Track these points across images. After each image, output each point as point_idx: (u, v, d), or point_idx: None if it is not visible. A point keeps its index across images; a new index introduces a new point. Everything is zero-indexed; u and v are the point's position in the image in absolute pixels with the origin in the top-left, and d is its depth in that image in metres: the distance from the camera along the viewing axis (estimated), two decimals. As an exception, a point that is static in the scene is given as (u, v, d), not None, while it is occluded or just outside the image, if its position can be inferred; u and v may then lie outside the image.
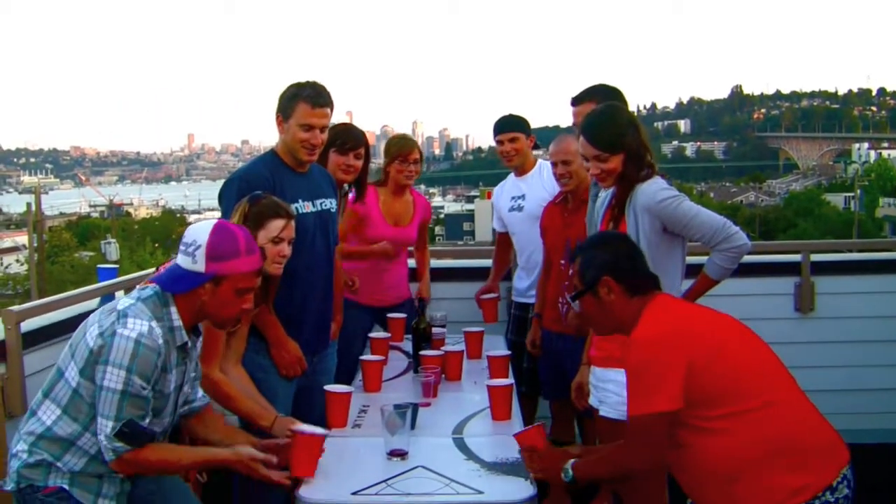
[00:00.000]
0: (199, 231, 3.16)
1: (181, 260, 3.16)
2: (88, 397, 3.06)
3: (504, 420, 4.00)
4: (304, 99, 4.30)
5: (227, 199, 4.18)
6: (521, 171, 5.69)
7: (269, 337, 4.23)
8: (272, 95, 4.44)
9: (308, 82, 4.38)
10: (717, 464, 2.97)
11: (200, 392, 3.53)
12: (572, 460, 3.19)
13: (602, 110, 4.04)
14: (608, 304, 3.23)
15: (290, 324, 4.29)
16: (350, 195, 5.35)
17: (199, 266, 3.11)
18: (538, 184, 5.54)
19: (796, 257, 6.34)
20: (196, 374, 3.45)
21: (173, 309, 3.15)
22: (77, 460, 3.12)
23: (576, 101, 4.56)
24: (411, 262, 6.11)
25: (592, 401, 3.99)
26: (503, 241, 5.96)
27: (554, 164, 4.97)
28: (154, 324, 3.06)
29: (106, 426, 2.99)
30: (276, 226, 3.83)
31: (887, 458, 5.83)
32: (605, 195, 4.15)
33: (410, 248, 6.08)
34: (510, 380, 4.29)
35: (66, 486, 3.11)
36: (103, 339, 3.03)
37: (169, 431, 3.36)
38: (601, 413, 3.93)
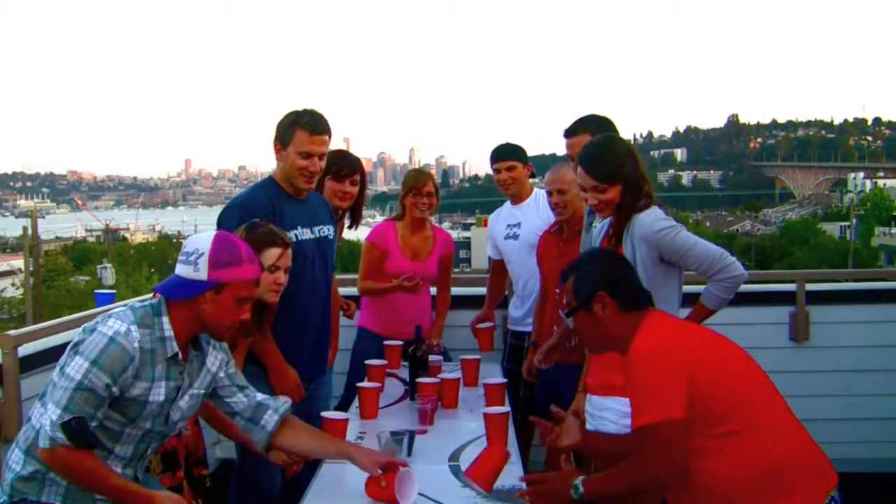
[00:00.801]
0: (201, 240, 3.18)
1: (181, 270, 3.16)
2: None
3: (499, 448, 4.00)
4: (303, 126, 4.33)
5: (226, 226, 4.20)
6: (518, 199, 5.71)
7: (268, 363, 4.25)
8: (269, 121, 4.50)
9: (306, 110, 4.42)
10: (713, 485, 2.99)
11: (281, 398, 3.54)
12: (580, 477, 3.14)
13: (600, 141, 4.06)
14: (602, 319, 3.24)
15: (289, 350, 4.31)
16: (346, 222, 5.36)
17: (202, 274, 3.12)
18: (534, 212, 5.56)
19: (791, 286, 6.35)
20: (238, 383, 3.47)
21: (165, 319, 3.15)
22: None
23: (569, 133, 4.59)
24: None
25: (589, 427, 3.99)
26: (498, 269, 5.97)
27: (549, 193, 4.99)
28: (134, 328, 3.07)
29: (54, 412, 2.98)
30: (272, 254, 3.85)
31: (882, 488, 5.85)
32: (601, 225, 4.17)
33: None
34: (506, 408, 4.30)
35: (58, 502, 3.12)
36: (84, 333, 3.07)
37: (158, 442, 3.36)
38: None
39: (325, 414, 4.06)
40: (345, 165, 5.02)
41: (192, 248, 3.16)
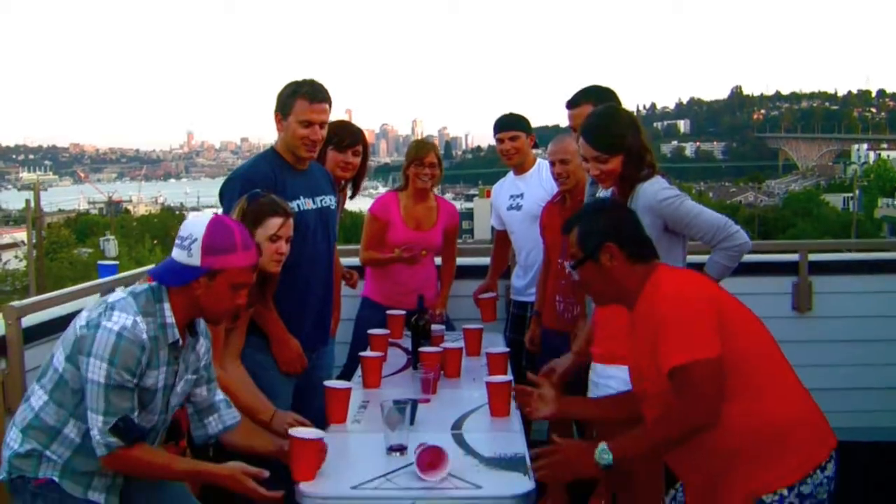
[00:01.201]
0: (196, 225, 3.16)
1: (176, 254, 3.16)
2: (73, 383, 3.08)
3: (503, 416, 4.02)
4: (303, 95, 4.33)
5: (228, 197, 4.21)
6: (521, 169, 5.71)
7: (270, 333, 4.26)
8: (272, 93, 4.47)
9: (306, 80, 4.41)
10: (711, 441, 2.96)
11: (233, 412, 3.55)
12: (602, 444, 3.00)
13: (602, 112, 4.07)
14: (609, 270, 3.19)
15: (291, 320, 4.32)
16: (348, 193, 5.36)
17: (195, 260, 3.11)
18: (537, 183, 5.56)
19: (794, 257, 6.36)
20: (208, 375, 3.47)
21: (167, 305, 3.15)
22: (64, 450, 3.13)
23: (571, 104, 4.59)
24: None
25: (592, 396, 4.01)
26: (501, 239, 5.98)
27: (552, 164, 4.99)
28: (139, 319, 3.06)
29: (98, 420, 3.00)
30: (274, 223, 3.85)
31: (884, 457, 5.86)
32: (603, 195, 4.17)
33: None
34: (509, 376, 4.31)
35: (55, 479, 3.13)
36: (88, 329, 3.05)
37: (161, 433, 3.38)
38: None
39: (327, 383, 4.07)
40: (347, 136, 5.02)
41: (187, 233, 3.15)
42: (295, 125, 4.33)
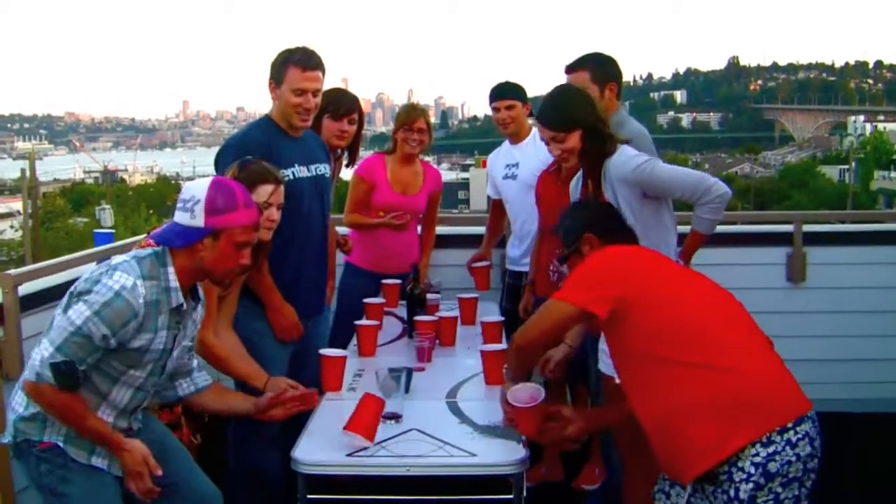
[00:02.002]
0: (198, 187, 3.19)
1: (179, 217, 3.18)
2: None
3: (497, 384, 4.04)
4: (295, 63, 4.33)
5: (222, 164, 4.20)
6: (517, 138, 5.70)
7: (266, 301, 4.27)
8: (268, 62, 4.46)
9: (298, 47, 4.41)
10: (664, 398, 3.00)
11: (204, 375, 3.60)
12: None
13: (552, 92, 4.13)
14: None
15: (286, 288, 4.33)
16: (343, 161, 5.36)
17: (198, 221, 3.13)
18: (532, 152, 5.54)
19: (788, 227, 6.37)
20: (192, 343, 3.50)
21: (171, 269, 3.17)
22: None
23: (569, 69, 4.59)
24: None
25: (602, 367, 4.02)
26: (497, 209, 5.97)
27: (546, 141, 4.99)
28: (140, 282, 3.08)
29: (46, 349, 3.02)
30: (264, 191, 3.85)
31: (877, 427, 5.90)
32: (576, 178, 4.20)
33: None
34: (503, 345, 4.34)
35: (60, 443, 3.16)
36: (88, 283, 3.07)
37: (151, 395, 3.39)
38: (616, 381, 3.95)
39: (323, 351, 4.10)
40: (342, 104, 5.01)
41: (189, 196, 3.17)
42: (288, 93, 4.33)
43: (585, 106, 3.97)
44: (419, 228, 5.99)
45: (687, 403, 2.95)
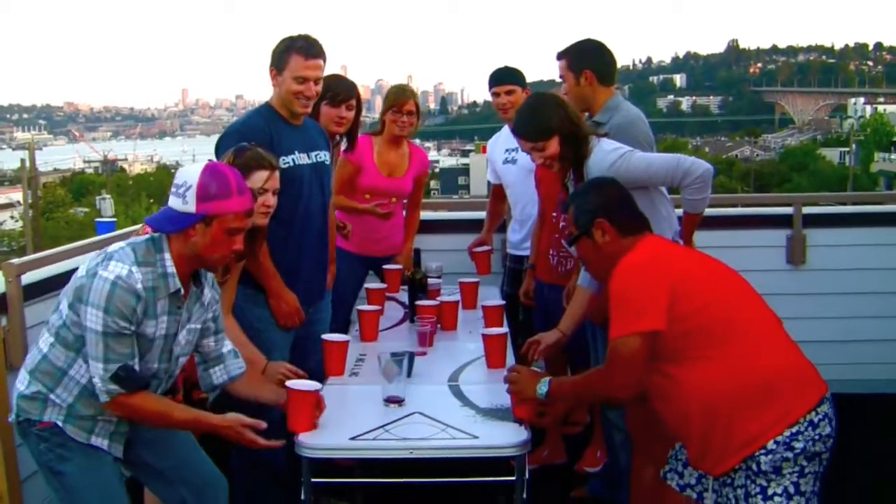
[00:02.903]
0: (190, 173, 3.18)
1: (172, 202, 3.18)
2: (75, 329, 3.13)
3: (498, 368, 4.07)
4: (297, 51, 4.32)
5: (223, 152, 4.20)
6: (516, 124, 5.69)
7: (268, 288, 4.29)
8: (267, 50, 4.46)
9: (300, 35, 4.40)
10: (693, 395, 3.05)
11: (239, 363, 3.61)
12: (548, 378, 3.34)
13: (525, 103, 4.23)
14: (603, 246, 3.33)
15: (288, 275, 4.34)
16: (342, 147, 5.36)
17: (190, 206, 3.12)
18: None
19: (788, 210, 6.38)
20: (216, 326, 3.52)
21: (167, 255, 3.18)
22: (69, 394, 3.18)
23: (561, 56, 4.60)
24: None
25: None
26: (497, 194, 5.98)
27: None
28: (135, 269, 3.08)
29: (98, 368, 3.05)
30: (260, 177, 3.85)
31: (878, 408, 5.92)
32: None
33: None
34: (505, 328, 4.36)
35: (59, 423, 3.18)
36: (86, 278, 3.09)
37: (165, 382, 3.41)
38: None
39: (325, 336, 4.12)
40: (341, 90, 5.00)
41: (182, 181, 3.17)
42: (290, 81, 4.33)
43: (558, 111, 4.00)
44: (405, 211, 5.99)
45: (721, 399, 3.01)
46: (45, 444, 3.20)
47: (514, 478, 3.30)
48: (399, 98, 5.64)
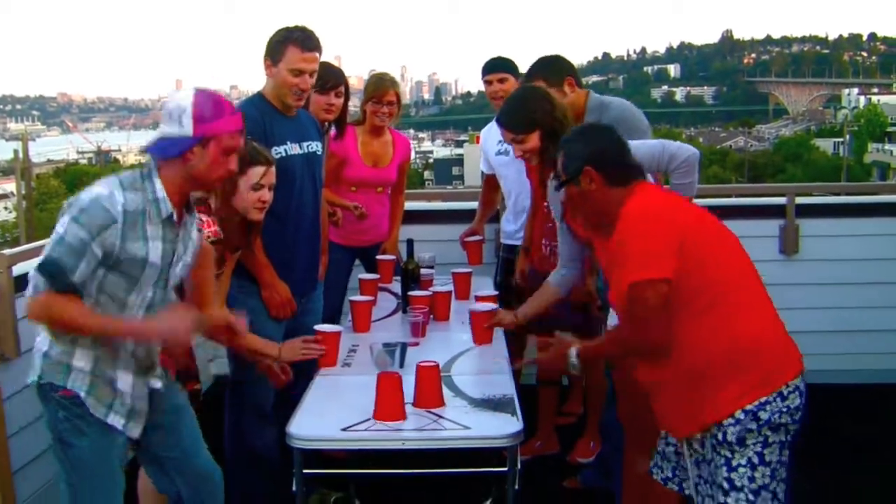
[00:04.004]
0: (182, 97, 3.17)
1: (166, 129, 3.15)
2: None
3: (485, 344, 4.17)
4: (294, 43, 4.30)
5: None
6: (510, 114, 5.68)
7: (261, 278, 4.28)
8: (261, 40, 4.45)
9: (297, 27, 4.38)
10: (687, 356, 3.03)
11: None
12: (574, 347, 3.27)
13: (513, 95, 4.26)
14: (590, 194, 3.25)
15: (280, 266, 4.34)
16: (331, 134, 5.33)
17: (187, 130, 3.11)
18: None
19: (781, 200, 6.39)
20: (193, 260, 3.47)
21: (157, 181, 3.17)
22: (87, 359, 3.17)
23: (534, 79, 4.61)
24: None
25: (611, 320, 4.04)
26: (490, 184, 5.97)
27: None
28: (118, 192, 3.09)
29: (38, 260, 3.06)
30: (256, 172, 3.85)
31: (869, 398, 5.94)
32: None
33: None
34: (492, 305, 4.46)
35: (81, 394, 3.16)
36: (70, 199, 3.12)
37: (158, 308, 3.34)
38: None
39: (318, 327, 4.11)
40: (329, 78, 4.97)
41: (175, 106, 3.15)
42: (285, 73, 4.31)
43: (544, 106, 4.04)
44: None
45: (701, 361, 3.01)
46: (65, 412, 3.18)
47: (506, 468, 3.30)
48: (379, 88, 5.61)
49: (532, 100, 4.08)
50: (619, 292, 3.09)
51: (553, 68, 4.58)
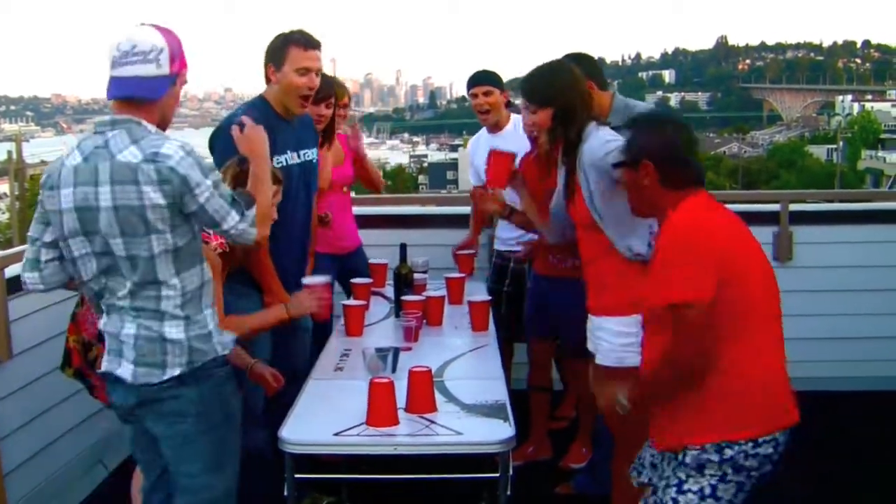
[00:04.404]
0: (151, 36, 3.03)
1: (142, 70, 2.99)
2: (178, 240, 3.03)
3: (482, 331, 4.43)
4: (296, 43, 4.31)
5: (220, 148, 4.16)
6: (496, 128, 5.65)
7: (266, 285, 4.24)
8: (255, 42, 4.47)
9: (295, 30, 4.40)
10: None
11: None
12: (622, 393, 3.13)
13: (545, 64, 4.08)
14: (643, 186, 3.15)
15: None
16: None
17: (165, 69, 3.01)
18: (513, 140, 5.47)
19: (775, 207, 6.39)
20: None
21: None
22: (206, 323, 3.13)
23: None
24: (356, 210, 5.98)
25: (589, 346, 4.03)
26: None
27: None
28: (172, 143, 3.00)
29: (232, 215, 3.07)
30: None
31: (862, 405, 5.94)
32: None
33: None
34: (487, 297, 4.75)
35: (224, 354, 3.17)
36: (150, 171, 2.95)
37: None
38: (597, 361, 3.96)
39: (306, 280, 4.30)
40: (321, 89, 4.95)
41: (149, 47, 2.99)
42: (291, 74, 4.31)
43: (564, 87, 3.91)
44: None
45: (713, 384, 2.94)
46: (231, 384, 3.19)
47: (498, 474, 3.29)
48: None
49: (556, 76, 3.96)
50: (654, 306, 3.05)
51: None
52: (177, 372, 3.02)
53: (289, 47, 4.31)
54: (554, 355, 5.38)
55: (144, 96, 3.00)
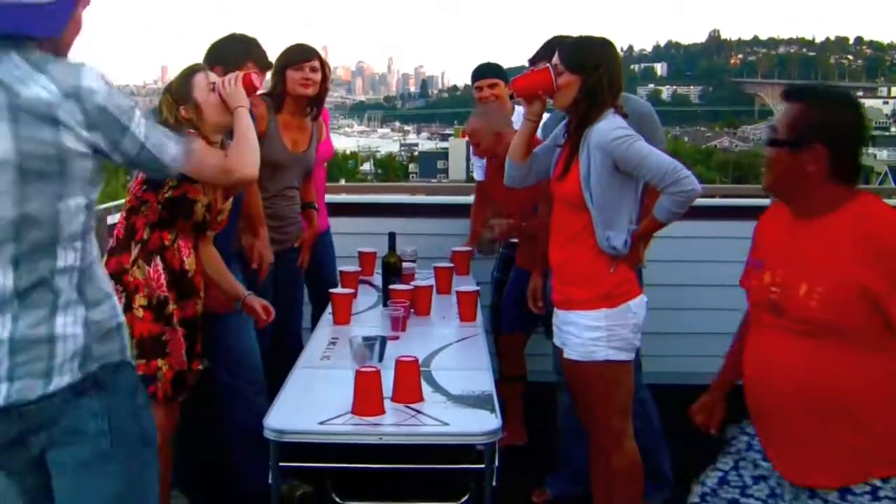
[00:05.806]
0: None
1: None
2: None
3: (470, 321, 4.40)
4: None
5: None
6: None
7: (254, 227, 4.55)
8: (246, 29, 4.51)
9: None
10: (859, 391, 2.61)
11: None
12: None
13: (596, 36, 3.93)
14: (805, 174, 2.64)
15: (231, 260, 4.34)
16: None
17: None
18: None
19: (765, 201, 6.37)
20: None
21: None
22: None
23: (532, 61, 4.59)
24: None
25: (556, 341, 4.01)
26: (483, 195, 5.75)
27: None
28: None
29: (172, 144, 2.45)
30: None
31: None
32: (562, 125, 4.05)
33: None
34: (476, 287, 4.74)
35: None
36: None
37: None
38: (565, 355, 3.94)
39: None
40: (299, 52, 4.92)
41: None
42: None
43: (595, 61, 3.75)
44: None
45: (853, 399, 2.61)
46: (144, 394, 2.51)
47: (483, 465, 3.28)
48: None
49: (591, 48, 3.83)
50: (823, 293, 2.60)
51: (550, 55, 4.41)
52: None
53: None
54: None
55: (36, 34, 2.25)
